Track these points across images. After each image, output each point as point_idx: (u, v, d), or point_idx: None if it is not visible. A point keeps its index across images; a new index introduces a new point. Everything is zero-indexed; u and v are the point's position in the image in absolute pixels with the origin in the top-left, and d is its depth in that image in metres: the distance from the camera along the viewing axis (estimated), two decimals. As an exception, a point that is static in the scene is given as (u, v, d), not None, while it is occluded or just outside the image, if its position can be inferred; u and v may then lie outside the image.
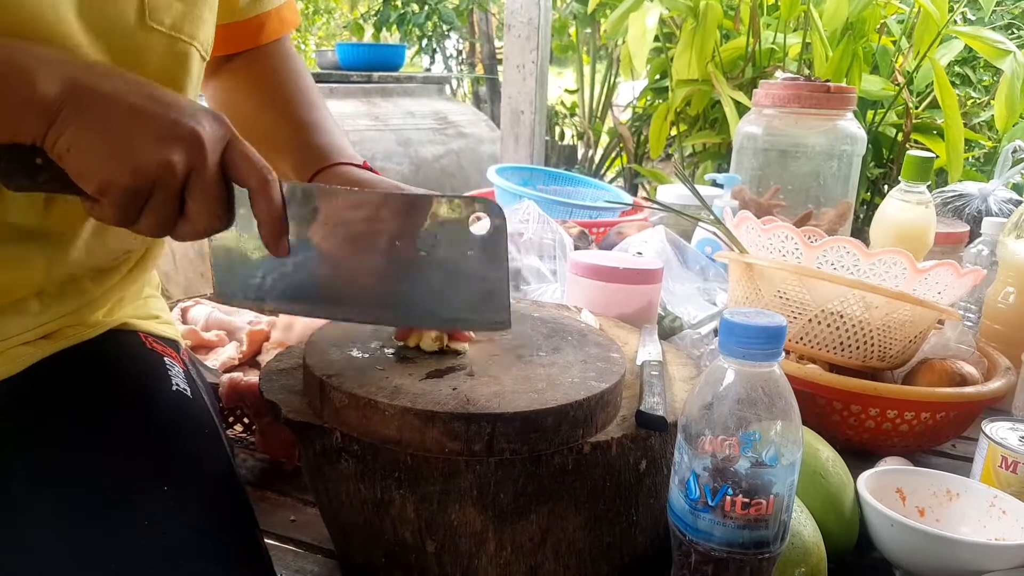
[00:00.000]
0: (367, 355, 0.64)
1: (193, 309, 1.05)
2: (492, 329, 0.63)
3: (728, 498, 0.50)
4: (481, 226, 0.59)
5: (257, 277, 0.59)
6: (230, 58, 0.78)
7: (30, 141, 0.47)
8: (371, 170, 0.73)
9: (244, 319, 1.03)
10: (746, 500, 0.50)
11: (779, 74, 1.64)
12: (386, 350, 0.65)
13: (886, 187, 2.30)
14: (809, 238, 0.92)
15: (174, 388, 0.65)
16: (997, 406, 0.93)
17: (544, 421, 0.55)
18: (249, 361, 0.97)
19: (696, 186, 1.07)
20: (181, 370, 0.68)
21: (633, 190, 3.38)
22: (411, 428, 0.55)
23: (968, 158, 2.55)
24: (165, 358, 0.68)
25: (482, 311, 0.61)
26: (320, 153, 0.73)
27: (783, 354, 0.51)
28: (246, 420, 0.87)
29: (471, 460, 0.55)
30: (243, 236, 0.57)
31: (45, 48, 0.48)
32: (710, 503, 0.51)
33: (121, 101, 0.48)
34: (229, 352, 0.95)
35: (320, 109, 0.79)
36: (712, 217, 1.00)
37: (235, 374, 0.82)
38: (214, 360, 0.93)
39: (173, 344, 0.73)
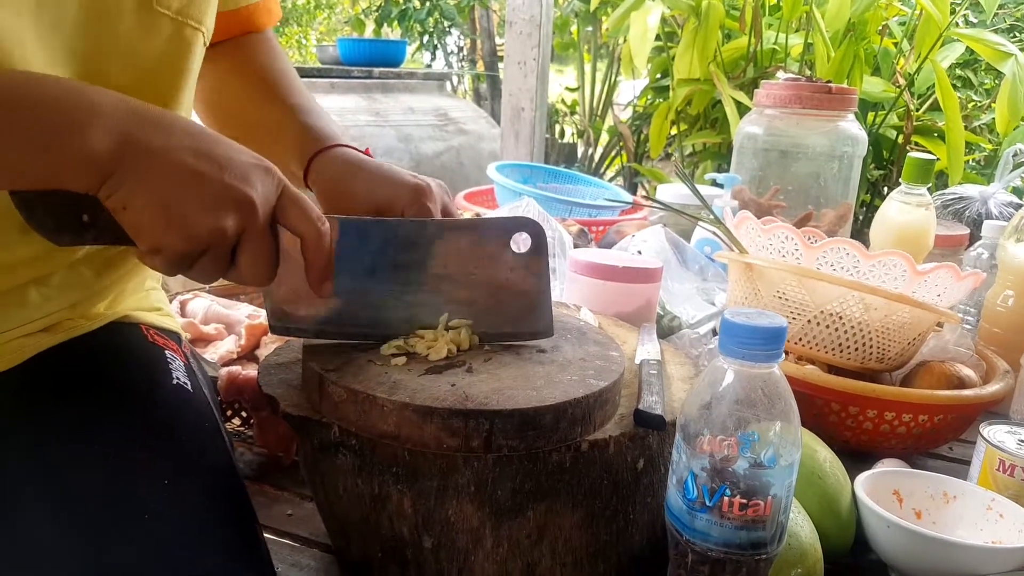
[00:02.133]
0: (365, 350, 0.64)
1: (192, 302, 1.05)
2: (536, 339, 0.67)
3: (726, 498, 0.50)
4: (522, 243, 0.64)
5: (309, 309, 0.63)
6: (215, 45, 0.78)
7: (83, 191, 0.47)
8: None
9: (243, 313, 1.03)
10: (744, 501, 0.50)
11: (780, 74, 1.64)
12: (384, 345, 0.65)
13: (886, 189, 2.30)
14: (809, 239, 0.92)
15: (175, 381, 0.65)
16: (995, 409, 0.93)
17: (542, 418, 0.55)
18: (248, 355, 0.97)
19: (696, 186, 1.07)
20: (182, 363, 0.68)
21: (632, 189, 3.38)
22: (409, 424, 0.55)
23: (968, 161, 2.55)
24: (166, 351, 0.68)
25: (527, 323, 0.66)
26: (317, 134, 0.73)
27: (783, 355, 0.51)
28: (244, 414, 0.86)
29: (469, 456, 0.55)
30: (292, 272, 0.58)
31: (96, 90, 0.48)
32: (708, 503, 0.51)
33: (176, 161, 0.48)
34: (228, 345, 0.95)
35: (306, 95, 0.79)
36: (712, 217, 1.00)
37: (234, 368, 0.82)
38: (213, 353, 0.93)
39: (174, 337, 0.73)
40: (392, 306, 0.64)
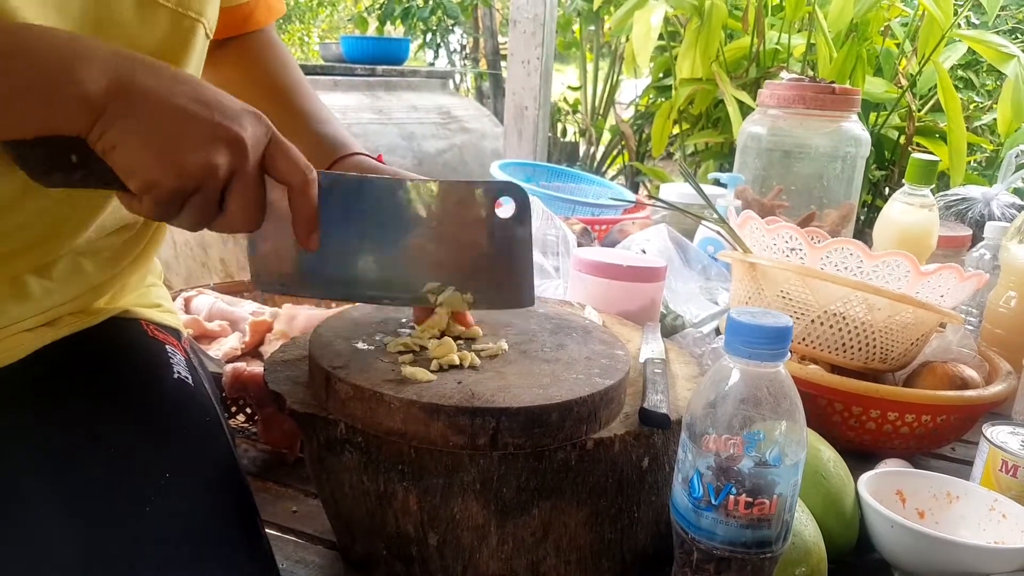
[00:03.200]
0: (372, 347, 0.64)
1: (196, 299, 1.05)
2: (516, 307, 0.67)
3: (731, 497, 0.51)
4: (507, 209, 0.63)
5: (293, 266, 0.62)
6: (219, 45, 0.78)
7: (74, 134, 0.47)
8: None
9: (247, 310, 1.04)
10: (749, 499, 0.50)
11: (784, 74, 1.64)
12: (390, 341, 0.65)
13: (887, 189, 2.30)
14: (813, 239, 0.92)
15: (176, 376, 0.65)
16: (997, 410, 0.93)
17: (548, 416, 0.56)
18: (252, 351, 0.97)
19: (700, 185, 1.07)
20: (183, 358, 0.68)
21: (634, 188, 3.38)
22: (416, 421, 0.55)
23: (970, 162, 2.55)
24: (167, 346, 0.68)
25: (508, 290, 0.65)
26: (332, 143, 0.73)
27: (789, 355, 0.51)
28: (248, 410, 0.87)
29: (475, 454, 0.56)
30: (278, 227, 0.58)
31: (90, 39, 0.48)
32: (713, 502, 0.51)
33: (168, 101, 0.48)
34: (232, 342, 0.95)
35: (316, 99, 0.79)
36: (716, 216, 1.00)
37: (238, 364, 0.82)
38: (217, 350, 0.93)
39: (175, 332, 0.73)
40: (376, 265, 0.63)
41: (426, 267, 0.64)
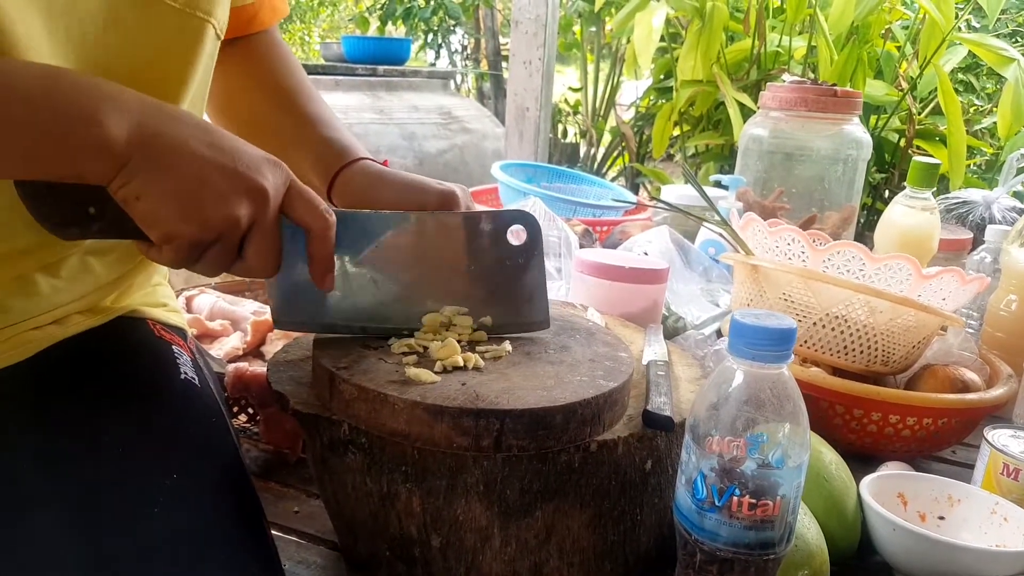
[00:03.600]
0: (376, 348, 0.64)
1: (198, 298, 1.05)
2: (533, 330, 0.69)
3: (735, 498, 0.51)
4: (518, 237, 0.65)
5: (310, 305, 0.64)
6: (223, 46, 0.78)
7: (95, 182, 0.48)
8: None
9: (248, 309, 1.04)
10: (753, 501, 0.50)
11: (786, 77, 1.64)
12: (394, 342, 0.65)
13: (887, 192, 2.30)
14: (815, 241, 0.92)
15: (182, 377, 0.65)
16: (998, 413, 0.93)
17: (553, 418, 0.56)
18: (253, 351, 0.97)
19: (703, 187, 1.07)
20: (189, 359, 0.68)
21: (634, 189, 3.39)
22: (420, 422, 0.55)
23: (970, 165, 2.55)
24: (173, 346, 0.68)
25: (524, 314, 0.68)
26: (338, 148, 0.73)
27: (792, 357, 0.51)
28: (250, 410, 0.87)
29: (479, 456, 0.56)
30: (295, 267, 0.59)
31: (114, 85, 0.49)
32: (717, 503, 0.51)
33: (191, 151, 0.49)
34: (233, 342, 0.95)
35: (321, 102, 0.79)
36: (719, 218, 1.00)
37: (241, 364, 0.82)
38: (218, 350, 0.94)
39: (181, 332, 0.73)
40: (392, 298, 0.65)
41: (442, 297, 0.66)
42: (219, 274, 0.54)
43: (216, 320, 1.00)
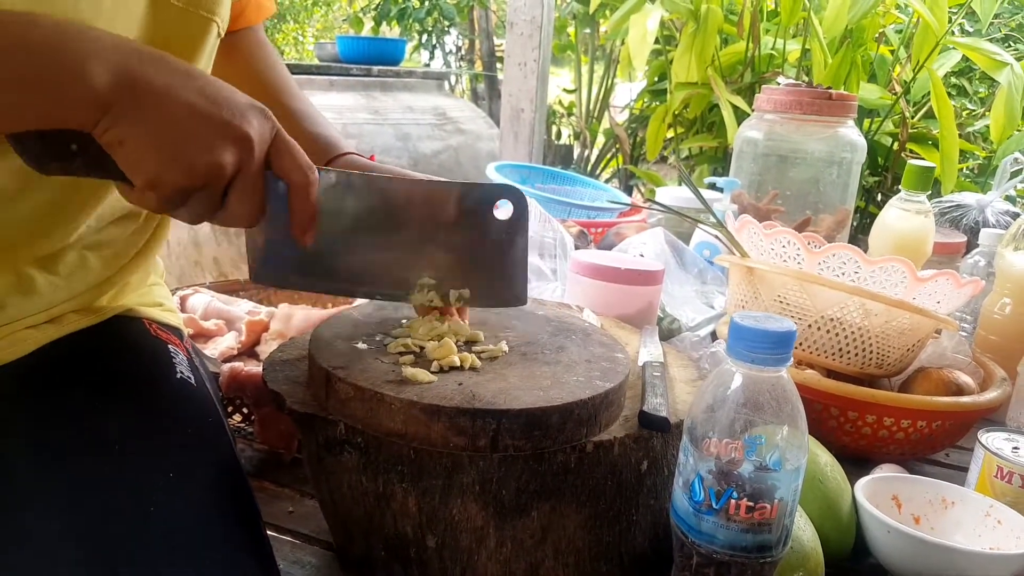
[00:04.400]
0: (373, 348, 0.64)
1: (192, 298, 1.04)
2: (509, 305, 0.69)
3: (732, 501, 0.51)
4: (504, 211, 0.64)
5: (290, 260, 0.62)
6: None
7: (78, 128, 0.47)
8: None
9: (243, 309, 1.03)
10: (750, 504, 0.50)
11: (781, 79, 1.64)
12: (391, 342, 0.65)
13: (880, 196, 2.31)
14: (810, 244, 0.92)
15: (179, 376, 0.65)
16: (992, 416, 0.94)
17: (549, 419, 0.55)
18: (248, 351, 0.97)
19: (699, 189, 1.07)
20: (185, 358, 0.68)
21: (628, 191, 3.39)
22: (416, 422, 0.55)
23: (962, 169, 2.56)
24: (169, 346, 0.68)
25: (503, 289, 0.68)
26: (325, 142, 0.73)
27: (792, 359, 0.51)
28: (245, 410, 0.86)
29: (475, 455, 0.55)
30: (277, 222, 0.58)
31: (95, 31, 0.47)
32: (714, 505, 0.51)
33: (176, 97, 0.48)
34: (228, 342, 0.95)
35: (305, 99, 0.79)
36: (714, 220, 1.00)
37: (235, 363, 0.82)
38: (213, 349, 0.93)
39: (177, 332, 0.72)
40: (372, 261, 0.65)
41: (422, 264, 0.66)
42: (201, 221, 0.53)
43: (211, 320, 1.00)
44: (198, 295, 1.05)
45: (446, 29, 4.85)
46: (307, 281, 0.64)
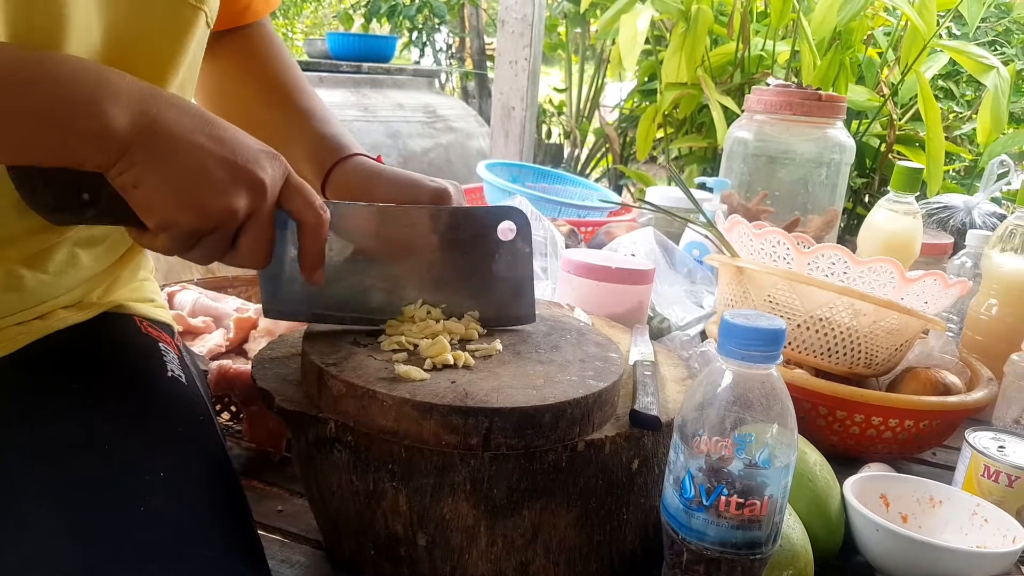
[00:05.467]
0: (366, 345, 0.64)
1: (180, 294, 1.04)
2: (519, 324, 0.70)
3: (723, 498, 0.51)
4: (508, 232, 0.67)
5: (303, 293, 0.64)
6: (216, 37, 0.77)
7: (94, 169, 0.47)
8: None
9: (231, 306, 1.03)
10: (740, 501, 0.51)
11: (771, 80, 1.65)
12: (384, 340, 0.65)
13: (868, 197, 2.32)
14: (800, 244, 0.92)
15: (169, 374, 0.64)
16: (978, 416, 0.94)
17: (542, 417, 0.55)
18: (236, 348, 0.96)
19: (689, 189, 1.07)
20: (175, 356, 0.68)
21: (618, 190, 3.39)
22: (408, 419, 0.55)
23: (948, 171, 2.58)
24: (160, 343, 0.68)
25: (511, 308, 0.69)
26: (333, 144, 0.73)
27: (781, 357, 0.52)
28: (233, 408, 0.86)
29: (466, 454, 0.55)
30: (288, 257, 0.60)
31: (117, 72, 0.48)
32: (705, 503, 0.51)
33: (192, 141, 0.49)
34: (216, 339, 0.94)
35: (315, 97, 0.79)
36: (704, 220, 1.00)
37: (224, 361, 0.81)
38: (201, 347, 0.93)
39: (167, 329, 0.72)
40: (382, 290, 0.66)
41: (431, 290, 0.68)
42: (211, 262, 0.54)
43: (198, 317, 0.99)
44: (186, 291, 1.04)
45: (436, 27, 4.85)
46: (318, 314, 0.66)
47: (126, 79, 0.48)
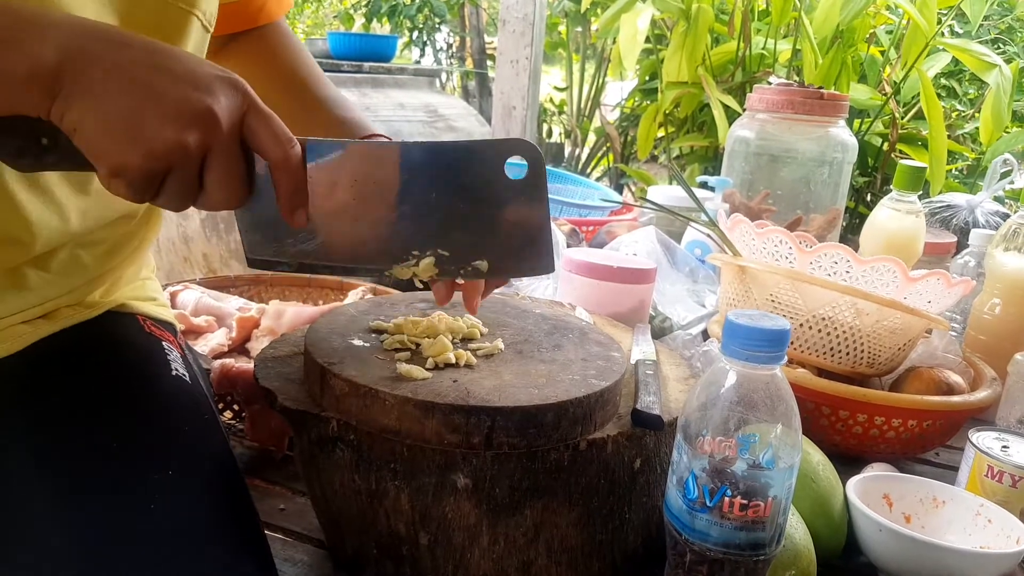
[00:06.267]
0: (368, 344, 0.64)
1: (182, 294, 1.04)
2: (536, 274, 0.62)
3: (726, 499, 0.51)
4: (517, 169, 0.58)
5: (288, 238, 0.58)
6: (232, 38, 0.78)
7: (34, 114, 0.44)
8: None
9: (233, 305, 1.03)
10: (744, 501, 0.50)
11: (773, 79, 1.65)
12: (386, 338, 0.65)
13: (870, 196, 2.32)
14: (802, 243, 0.92)
15: (174, 373, 0.64)
16: (981, 416, 0.94)
17: (544, 417, 0.55)
18: (238, 347, 0.96)
19: (691, 188, 1.07)
20: (179, 354, 0.68)
21: (619, 190, 3.39)
22: (411, 418, 0.55)
23: (951, 170, 2.57)
24: (163, 342, 0.67)
25: (525, 257, 0.60)
26: (353, 126, 0.73)
27: (786, 358, 0.51)
28: (236, 407, 0.86)
29: (468, 453, 0.55)
30: (267, 200, 0.54)
31: (48, 11, 0.45)
32: (708, 503, 0.51)
33: (127, 73, 0.45)
34: (219, 338, 0.94)
35: (332, 86, 0.79)
36: (707, 219, 1.00)
37: (226, 360, 0.81)
38: (203, 346, 0.93)
39: (170, 328, 0.72)
40: (375, 237, 0.59)
41: (431, 237, 0.59)
42: (184, 208, 0.50)
43: (201, 316, 0.99)
44: (188, 291, 1.04)
45: (437, 26, 4.84)
46: (303, 264, 0.59)
47: (64, 15, 0.45)
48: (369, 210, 0.58)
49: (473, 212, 0.59)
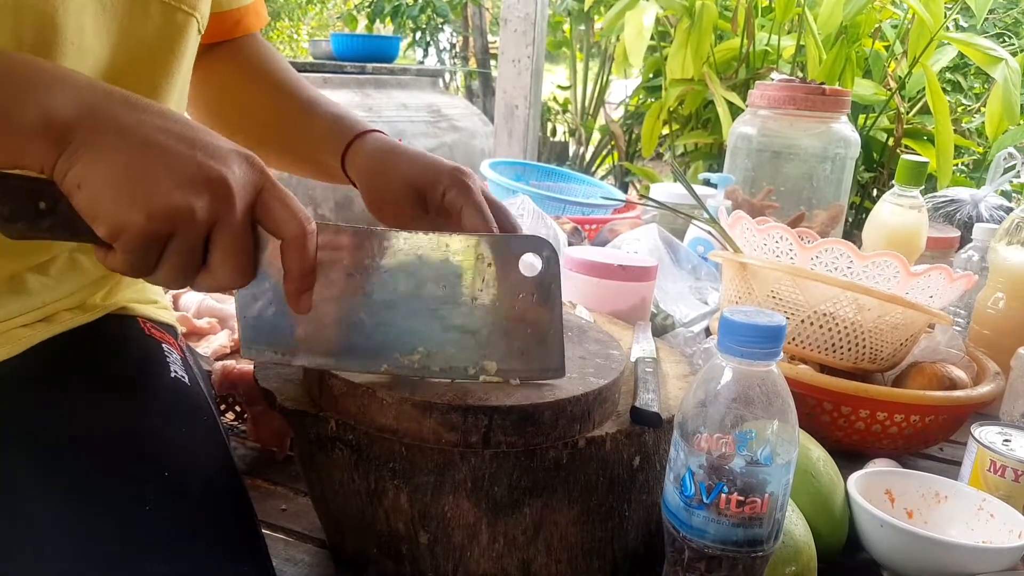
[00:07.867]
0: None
1: (185, 295, 1.04)
2: (546, 378, 0.59)
3: (723, 496, 0.51)
4: (531, 266, 0.56)
5: (288, 327, 0.55)
6: (209, 48, 0.77)
7: (36, 167, 0.43)
8: None
9: (236, 307, 1.03)
10: (741, 498, 0.50)
11: (775, 75, 1.64)
12: None
13: (875, 191, 2.31)
14: (803, 239, 0.92)
15: (173, 375, 0.64)
16: (985, 411, 0.94)
17: (542, 415, 0.55)
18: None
19: (692, 185, 1.07)
20: (179, 357, 0.68)
21: (623, 188, 3.39)
22: (409, 418, 0.55)
23: (957, 164, 2.56)
24: (163, 344, 0.68)
25: (535, 358, 0.58)
26: (349, 122, 0.72)
27: (781, 354, 0.51)
28: (238, 408, 0.86)
29: (467, 452, 0.55)
30: (271, 283, 0.52)
31: (63, 68, 0.45)
32: (705, 500, 0.51)
33: (142, 135, 0.44)
34: (221, 340, 0.94)
35: (316, 90, 0.79)
36: (708, 216, 1.00)
37: (228, 362, 0.82)
38: (206, 347, 0.93)
39: (171, 330, 0.72)
40: (380, 332, 0.56)
41: (439, 335, 0.57)
42: (183, 285, 0.47)
43: (203, 318, 1.00)
44: (190, 293, 1.05)
45: (440, 26, 4.85)
46: (304, 357, 0.56)
47: (73, 73, 0.44)
48: (376, 301, 0.56)
49: (483, 308, 0.57)
